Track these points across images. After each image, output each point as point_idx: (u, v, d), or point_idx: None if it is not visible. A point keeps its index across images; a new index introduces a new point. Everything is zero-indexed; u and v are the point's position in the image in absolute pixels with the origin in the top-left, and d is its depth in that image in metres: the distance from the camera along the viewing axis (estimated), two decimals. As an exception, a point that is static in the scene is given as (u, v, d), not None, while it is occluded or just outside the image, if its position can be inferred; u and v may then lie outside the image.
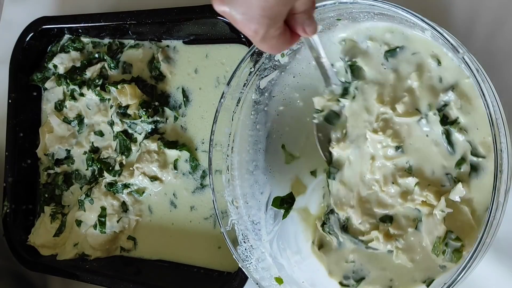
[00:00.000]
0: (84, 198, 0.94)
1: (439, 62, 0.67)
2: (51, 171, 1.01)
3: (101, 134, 0.96)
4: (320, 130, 0.75)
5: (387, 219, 0.71)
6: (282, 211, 0.78)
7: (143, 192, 0.93)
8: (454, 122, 0.65)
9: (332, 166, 0.75)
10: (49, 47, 1.01)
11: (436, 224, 0.66)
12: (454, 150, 0.66)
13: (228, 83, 0.73)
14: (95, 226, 0.93)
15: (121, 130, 0.93)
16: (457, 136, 0.66)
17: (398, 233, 0.69)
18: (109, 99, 0.94)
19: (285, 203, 0.78)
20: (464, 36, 0.72)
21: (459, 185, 0.64)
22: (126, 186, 0.93)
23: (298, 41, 0.60)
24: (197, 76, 0.90)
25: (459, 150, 0.66)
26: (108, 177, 0.94)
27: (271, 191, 0.78)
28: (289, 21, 0.56)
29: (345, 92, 0.73)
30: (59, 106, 1.00)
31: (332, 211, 0.74)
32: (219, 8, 0.52)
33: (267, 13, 0.50)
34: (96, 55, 0.98)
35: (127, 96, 0.91)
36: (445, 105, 0.66)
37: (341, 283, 0.73)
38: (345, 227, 0.74)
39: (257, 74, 0.75)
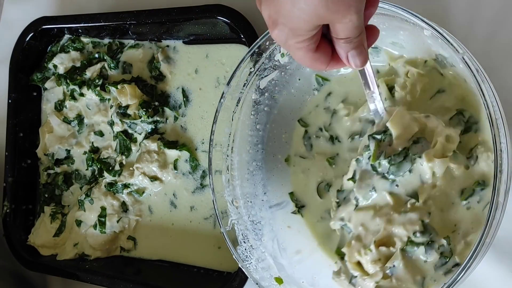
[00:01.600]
0: (84, 198, 0.94)
1: None
2: (51, 171, 1.01)
3: (101, 134, 0.96)
4: None
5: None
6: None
7: (143, 192, 0.93)
8: None
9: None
10: (49, 47, 1.01)
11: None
12: None
13: (228, 83, 0.73)
14: (95, 226, 0.93)
15: (121, 130, 0.93)
16: None
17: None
18: (109, 99, 0.94)
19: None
20: (464, 36, 0.72)
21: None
22: (126, 186, 0.92)
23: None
24: (197, 76, 0.90)
25: None
26: (108, 177, 0.94)
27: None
28: (335, 45, 0.53)
29: None
30: (59, 106, 1.00)
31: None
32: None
33: (287, 20, 0.49)
34: (96, 55, 0.98)
35: (127, 96, 0.91)
36: None
37: None
38: None
39: (257, 74, 0.75)
